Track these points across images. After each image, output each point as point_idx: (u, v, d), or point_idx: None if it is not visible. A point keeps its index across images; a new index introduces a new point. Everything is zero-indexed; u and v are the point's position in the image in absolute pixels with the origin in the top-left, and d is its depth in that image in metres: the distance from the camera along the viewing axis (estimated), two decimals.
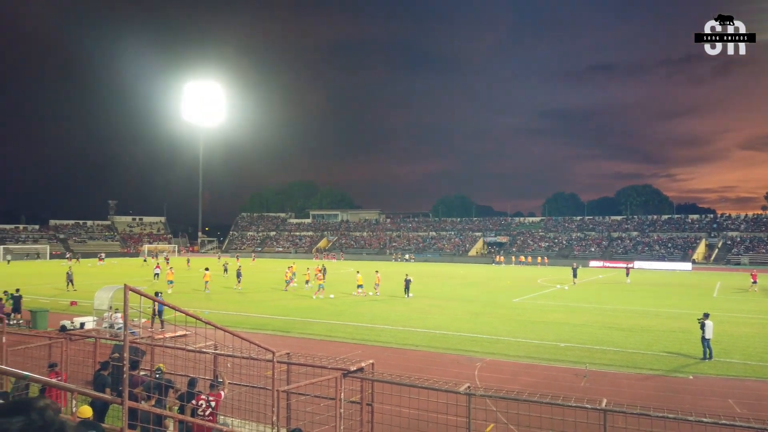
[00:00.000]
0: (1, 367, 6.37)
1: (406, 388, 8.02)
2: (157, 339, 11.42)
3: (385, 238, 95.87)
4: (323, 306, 29.03)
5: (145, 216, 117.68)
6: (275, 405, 7.54)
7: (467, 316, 25.83)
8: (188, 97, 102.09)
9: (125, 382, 6.32)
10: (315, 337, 20.72)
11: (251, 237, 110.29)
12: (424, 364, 16.45)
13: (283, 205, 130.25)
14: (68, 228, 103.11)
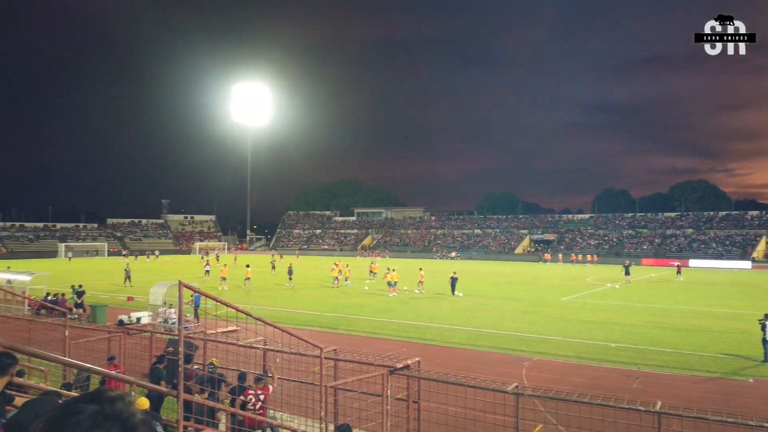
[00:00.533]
0: (65, 359, 6.72)
1: (453, 386, 8.00)
2: (209, 334, 11.77)
3: (430, 236, 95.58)
4: (369, 303, 29.22)
5: (196, 215, 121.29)
6: (323, 400, 7.66)
7: (514, 314, 25.49)
8: (237, 98, 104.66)
9: (180, 376, 6.55)
10: (361, 334, 20.89)
11: (297, 235, 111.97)
12: (470, 362, 16.35)
13: (328, 203, 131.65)
14: (124, 226, 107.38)
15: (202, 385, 8.73)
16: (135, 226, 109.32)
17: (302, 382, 9.61)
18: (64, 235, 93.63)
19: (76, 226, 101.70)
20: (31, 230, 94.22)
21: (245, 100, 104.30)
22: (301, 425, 8.90)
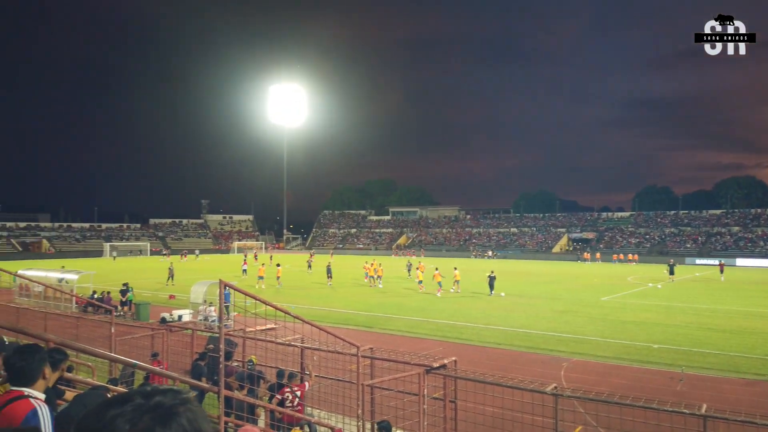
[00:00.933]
0: (112, 355, 6.97)
1: (490, 386, 7.94)
2: (248, 332, 12.00)
3: (465, 235, 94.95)
4: (405, 302, 29.24)
5: (234, 214, 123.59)
6: (360, 398, 7.71)
7: (552, 314, 25.11)
8: (273, 99, 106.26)
9: (221, 372, 6.71)
10: (397, 333, 20.93)
11: (333, 234, 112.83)
12: (506, 362, 16.19)
13: (363, 203, 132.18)
14: (166, 226, 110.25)
15: (242, 382, 8.90)
16: (176, 226, 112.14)
17: (339, 380, 9.69)
18: (108, 235, 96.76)
19: (120, 227, 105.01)
20: (77, 230, 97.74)
21: (281, 101, 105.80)
22: (339, 423, 8.99)
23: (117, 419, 0.94)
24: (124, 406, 0.96)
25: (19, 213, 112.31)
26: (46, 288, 25.63)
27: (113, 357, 7.36)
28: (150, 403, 0.98)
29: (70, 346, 5.36)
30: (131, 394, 1.01)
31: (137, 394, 1.00)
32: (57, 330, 16.58)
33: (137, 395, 1.00)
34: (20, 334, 5.62)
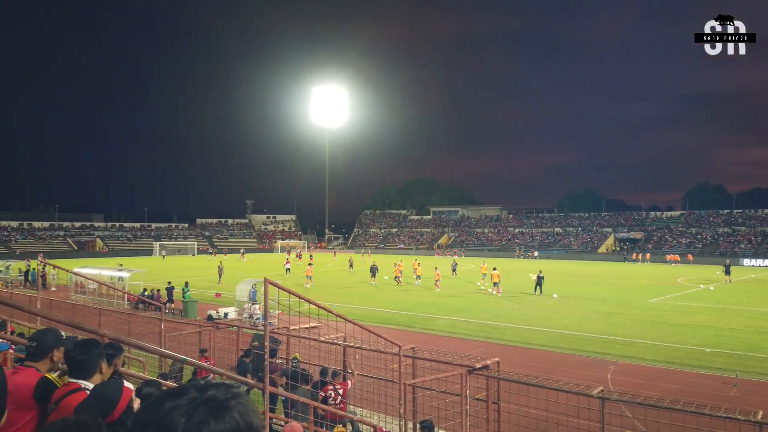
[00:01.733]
0: (163, 351, 7.21)
1: (534, 388, 7.83)
2: (291, 330, 12.21)
3: (507, 235, 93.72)
4: (446, 302, 29.10)
5: (278, 214, 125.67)
6: (402, 397, 7.74)
7: (598, 316, 24.52)
8: (316, 100, 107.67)
9: (266, 369, 6.85)
10: (438, 333, 20.86)
11: (374, 234, 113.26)
12: (551, 364, 15.91)
13: (404, 203, 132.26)
14: (212, 226, 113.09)
15: (286, 379, 9.06)
16: (222, 225, 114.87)
17: (381, 379, 9.74)
18: (158, 234, 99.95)
19: (168, 226, 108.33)
20: (129, 230, 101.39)
21: (323, 102, 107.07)
22: (381, 421, 9.03)
23: (173, 412, 0.97)
24: (180, 399, 1.00)
25: (75, 214, 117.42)
26: (99, 285, 26.70)
27: (163, 352, 7.61)
28: (204, 396, 1.02)
29: (124, 341, 5.56)
30: (186, 387, 1.05)
31: (192, 388, 1.04)
32: (110, 326, 17.27)
33: (192, 389, 1.04)
34: (77, 329, 5.88)
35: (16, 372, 3.40)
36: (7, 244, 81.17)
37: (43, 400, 3.27)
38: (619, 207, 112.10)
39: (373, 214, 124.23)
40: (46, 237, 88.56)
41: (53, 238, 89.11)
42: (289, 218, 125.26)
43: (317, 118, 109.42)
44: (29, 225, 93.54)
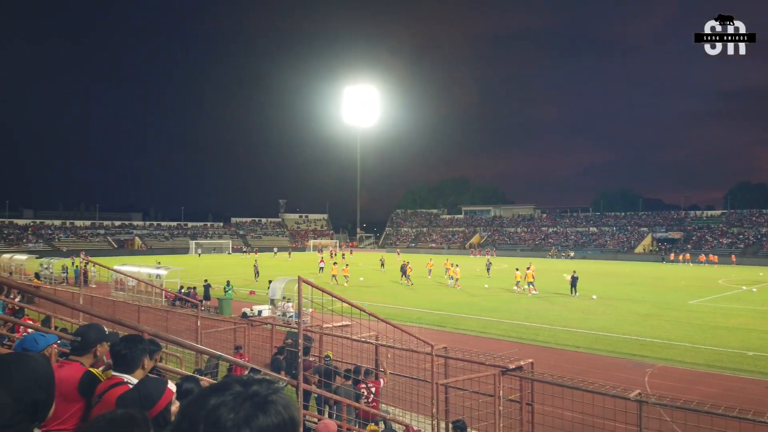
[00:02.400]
0: (200, 347, 7.34)
1: (569, 389, 7.71)
2: (324, 328, 12.31)
3: (541, 234, 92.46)
4: (478, 302, 28.90)
5: (310, 213, 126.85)
6: (434, 397, 7.72)
7: (634, 317, 23.97)
8: (347, 100, 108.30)
9: (300, 367, 6.92)
10: (469, 332, 20.73)
11: (405, 233, 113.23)
12: (585, 366, 15.63)
13: (435, 202, 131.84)
14: (246, 225, 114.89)
15: (319, 376, 9.14)
16: (255, 224, 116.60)
17: (413, 378, 9.74)
18: (194, 233, 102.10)
19: (204, 225, 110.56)
20: (166, 229, 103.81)
21: (355, 101, 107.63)
22: (413, 420, 9.03)
23: (220, 408, 1.00)
24: (224, 395, 1.03)
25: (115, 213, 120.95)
26: (138, 282, 27.42)
27: (200, 348, 7.74)
28: (249, 391, 1.04)
29: (163, 337, 5.70)
30: (229, 383, 1.07)
31: (235, 383, 1.07)
32: (148, 322, 17.70)
33: (235, 384, 1.07)
34: (118, 325, 6.05)
35: (61, 366, 3.52)
36: (51, 242, 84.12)
37: (87, 393, 3.38)
38: (656, 206, 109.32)
39: (404, 214, 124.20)
40: (88, 235, 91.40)
41: (94, 236, 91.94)
42: (321, 217, 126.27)
43: (349, 118, 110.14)
44: (72, 224, 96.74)
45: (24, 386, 1.80)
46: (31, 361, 1.92)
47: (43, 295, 8.40)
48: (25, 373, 1.84)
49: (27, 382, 1.81)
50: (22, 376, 1.82)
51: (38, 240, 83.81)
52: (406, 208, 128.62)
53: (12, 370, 1.82)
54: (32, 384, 1.83)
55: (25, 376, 1.82)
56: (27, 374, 1.84)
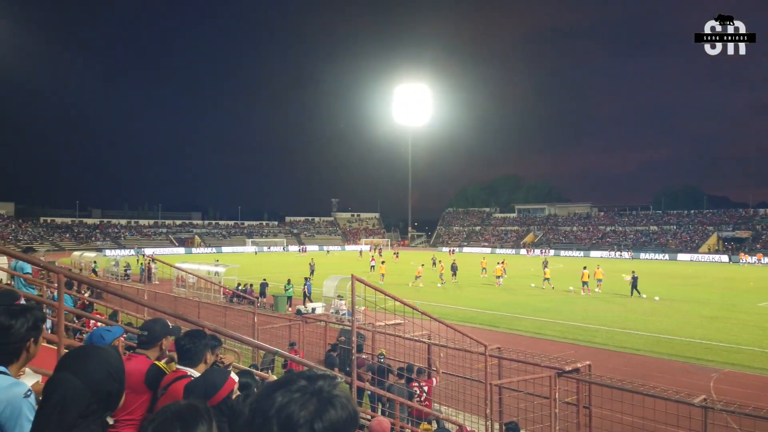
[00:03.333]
0: (258, 343, 7.57)
1: (629, 393, 7.47)
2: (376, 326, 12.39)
3: (598, 233, 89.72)
4: (532, 302, 28.37)
5: (362, 212, 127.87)
6: (488, 398, 7.65)
7: (698, 320, 22.94)
8: (399, 99, 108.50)
9: (353, 364, 7.02)
10: (523, 333, 20.39)
11: (457, 231, 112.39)
12: (646, 370, 15.09)
13: (487, 200, 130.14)
14: (300, 224, 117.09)
15: (372, 374, 9.22)
16: (309, 223, 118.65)
17: (466, 378, 9.67)
18: (250, 231, 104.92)
19: (260, 224, 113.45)
20: (224, 227, 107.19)
21: (406, 100, 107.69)
22: (466, 420, 8.97)
23: (290, 405, 1.03)
24: (292, 391, 1.06)
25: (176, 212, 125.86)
26: (198, 279, 28.41)
27: (258, 344, 7.98)
28: (314, 386, 1.08)
29: (222, 332, 5.91)
30: (293, 378, 1.11)
31: (299, 378, 1.10)
32: (208, 317, 18.32)
33: (300, 379, 1.10)
34: (180, 320, 6.31)
35: (129, 359, 3.71)
36: (117, 241, 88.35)
37: (153, 385, 3.55)
38: (722, 204, 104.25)
39: (456, 212, 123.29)
40: (151, 234, 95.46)
41: (157, 234, 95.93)
42: (373, 216, 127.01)
43: (400, 117, 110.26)
44: (136, 223, 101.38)
45: (99, 377, 1.90)
46: (104, 353, 2.03)
47: (112, 291, 8.85)
48: (99, 364, 1.95)
49: (101, 373, 1.92)
50: (97, 367, 1.93)
51: (105, 238, 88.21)
52: (457, 207, 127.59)
53: (87, 362, 1.94)
54: (106, 375, 1.94)
55: (99, 367, 1.93)
56: (101, 365, 1.95)
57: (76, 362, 1.93)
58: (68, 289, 12.22)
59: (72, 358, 1.98)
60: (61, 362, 1.97)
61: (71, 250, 63.81)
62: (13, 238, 76.92)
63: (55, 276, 6.63)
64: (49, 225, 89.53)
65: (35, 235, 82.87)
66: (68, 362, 1.94)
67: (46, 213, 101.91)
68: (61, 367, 1.92)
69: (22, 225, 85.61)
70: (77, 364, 1.91)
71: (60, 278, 5.44)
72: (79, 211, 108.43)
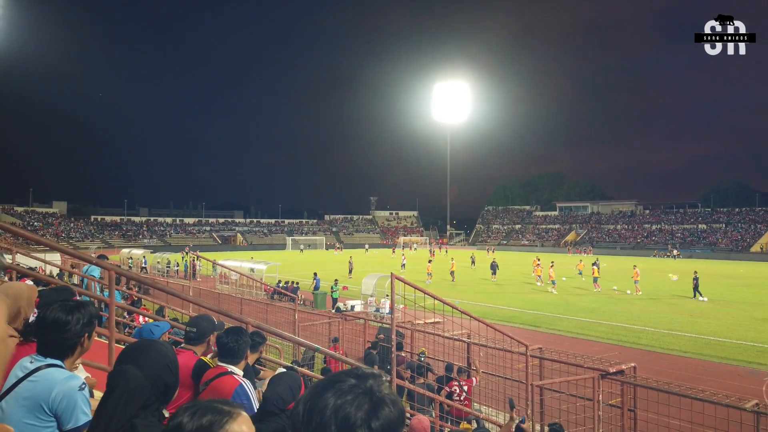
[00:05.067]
0: (299, 339, 7.70)
1: (675, 397, 7.26)
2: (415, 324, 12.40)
3: (643, 232, 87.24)
4: (574, 302, 27.83)
5: (400, 210, 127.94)
6: (529, 398, 7.57)
7: (750, 322, 22.05)
8: (437, 97, 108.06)
9: (393, 362, 7.05)
10: (565, 333, 20.04)
11: (496, 230, 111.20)
12: (693, 373, 14.62)
13: (528, 198, 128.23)
14: (339, 222, 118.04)
15: (412, 372, 9.24)
16: (348, 221, 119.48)
17: (507, 378, 9.59)
18: (290, 229, 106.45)
19: (299, 222, 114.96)
20: (265, 225, 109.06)
21: (445, 98, 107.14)
22: (506, 421, 8.90)
23: (345, 406, 1.05)
24: (345, 393, 1.07)
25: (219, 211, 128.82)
26: (240, 276, 29.02)
27: (299, 341, 8.11)
28: (364, 385, 1.10)
29: (264, 329, 6.04)
30: (341, 377, 1.13)
31: (348, 377, 1.12)
32: (250, 314, 18.69)
33: (349, 377, 1.12)
34: (224, 316, 6.48)
35: (177, 354, 3.84)
36: (163, 238, 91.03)
37: (199, 380, 3.66)
38: None
39: (495, 210, 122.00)
40: (195, 232, 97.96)
41: (201, 232, 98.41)
42: (411, 214, 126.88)
43: (439, 115, 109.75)
44: (181, 221, 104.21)
45: (158, 370, 1.99)
46: (162, 347, 2.12)
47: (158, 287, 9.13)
48: (158, 357, 2.03)
49: (160, 366, 2.01)
50: (156, 360, 2.01)
51: (152, 236, 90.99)
52: (497, 205, 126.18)
53: (147, 355, 2.03)
54: (164, 368, 2.02)
55: (158, 360, 2.02)
56: (160, 359, 2.03)
57: (138, 355, 2.02)
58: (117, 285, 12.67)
59: (133, 351, 2.07)
60: (122, 355, 2.07)
61: (120, 247, 66.11)
62: (66, 236, 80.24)
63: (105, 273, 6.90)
64: (99, 223, 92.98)
65: (86, 232, 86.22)
66: (130, 355, 2.04)
67: (96, 211, 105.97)
68: (124, 360, 2.01)
69: (75, 223, 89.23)
70: (138, 357, 2.01)
71: (111, 275, 5.65)
72: (127, 210, 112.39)
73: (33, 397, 2.21)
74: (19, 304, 3.12)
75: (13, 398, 2.24)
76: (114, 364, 2.06)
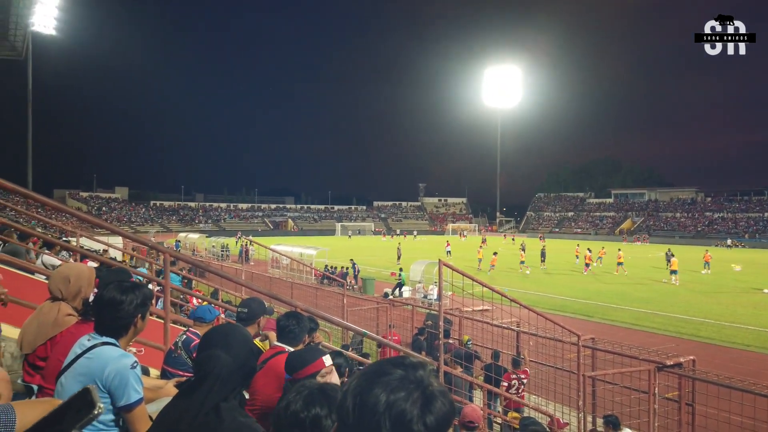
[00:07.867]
0: (348, 324, 7.78)
1: (737, 392, 6.94)
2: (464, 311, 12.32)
3: (704, 220, 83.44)
4: (630, 292, 26.98)
5: (449, 197, 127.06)
6: (581, 389, 7.40)
7: None
8: (488, 82, 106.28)
9: (440, 349, 7.03)
10: (619, 324, 19.47)
11: (548, 217, 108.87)
12: (757, 367, 13.93)
13: (581, 184, 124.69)
14: (387, 208, 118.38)
15: (459, 360, 9.20)
16: (396, 208, 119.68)
17: (557, 368, 9.41)
18: (339, 216, 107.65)
19: (348, 208, 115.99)
20: (315, 212, 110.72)
21: (496, 83, 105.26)
22: (556, 411, 8.74)
23: (399, 401, 1.00)
24: (394, 386, 1.02)
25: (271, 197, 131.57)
26: (291, 261, 29.57)
27: (347, 325, 8.20)
28: (414, 376, 1.05)
29: (314, 313, 6.12)
30: (388, 367, 1.07)
31: (396, 367, 1.07)
32: (300, 298, 19.04)
33: (396, 368, 1.06)
34: (275, 299, 6.61)
35: None
36: (218, 223, 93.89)
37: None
38: None
39: (547, 197, 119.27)
40: (248, 217, 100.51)
41: (253, 218, 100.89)
42: (460, 201, 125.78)
43: (489, 100, 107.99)
44: (235, 206, 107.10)
45: (244, 354, 2.01)
46: (244, 331, 2.15)
47: (213, 270, 9.42)
48: (243, 342, 2.06)
49: (246, 351, 2.03)
50: (242, 345, 2.04)
51: (207, 221, 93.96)
52: (548, 191, 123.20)
53: (234, 339, 2.05)
54: (249, 351, 2.05)
55: (244, 345, 2.05)
56: (245, 343, 2.06)
57: (224, 340, 2.03)
58: (173, 267, 13.12)
59: (219, 335, 2.09)
60: (209, 339, 2.09)
61: (177, 231, 68.56)
62: (127, 220, 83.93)
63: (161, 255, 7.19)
64: (158, 208, 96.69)
65: (146, 217, 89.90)
66: (217, 339, 2.05)
67: (156, 197, 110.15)
68: (212, 344, 2.02)
69: (135, 208, 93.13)
70: (225, 342, 2.02)
71: (166, 257, 5.86)
72: (184, 195, 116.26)
73: (88, 374, 2.30)
74: (79, 284, 3.26)
75: (71, 374, 2.34)
76: (199, 348, 2.09)
